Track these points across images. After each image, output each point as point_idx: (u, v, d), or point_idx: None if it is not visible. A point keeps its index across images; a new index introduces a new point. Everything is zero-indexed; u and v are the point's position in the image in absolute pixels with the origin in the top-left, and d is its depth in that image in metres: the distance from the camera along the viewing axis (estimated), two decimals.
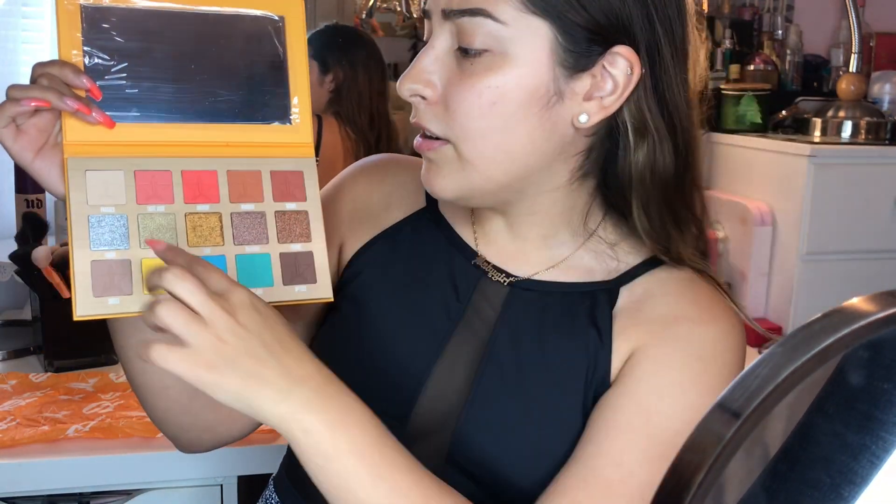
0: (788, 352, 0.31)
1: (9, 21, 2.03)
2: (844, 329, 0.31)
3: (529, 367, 0.76)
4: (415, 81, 0.72)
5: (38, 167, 0.73)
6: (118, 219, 0.73)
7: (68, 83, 0.72)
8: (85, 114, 0.72)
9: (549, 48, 0.69)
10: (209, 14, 0.78)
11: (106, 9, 0.75)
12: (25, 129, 0.72)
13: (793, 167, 1.84)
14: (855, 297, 0.33)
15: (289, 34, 0.80)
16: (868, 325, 0.31)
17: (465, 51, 0.70)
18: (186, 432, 0.86)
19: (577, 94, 0.70)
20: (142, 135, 0.76)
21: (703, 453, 0.30)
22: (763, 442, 0.35)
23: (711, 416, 0.31)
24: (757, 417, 0.30)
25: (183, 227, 0.75)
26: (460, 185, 0.74)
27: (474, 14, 0.68)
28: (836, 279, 1.86)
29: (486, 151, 0.71)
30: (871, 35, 2.45)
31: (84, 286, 0.71)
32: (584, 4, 0.68)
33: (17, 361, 1.54)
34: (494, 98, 0.69)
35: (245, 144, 0.79)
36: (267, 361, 0.63)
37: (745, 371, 0.31)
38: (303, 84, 0.80)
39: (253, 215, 0.77)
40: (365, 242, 0.86)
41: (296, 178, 0.80)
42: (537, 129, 0.71)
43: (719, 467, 0.30)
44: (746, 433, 0.30)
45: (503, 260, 0.81)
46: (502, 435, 0.75)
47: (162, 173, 0.75)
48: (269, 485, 0.93)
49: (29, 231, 1.57)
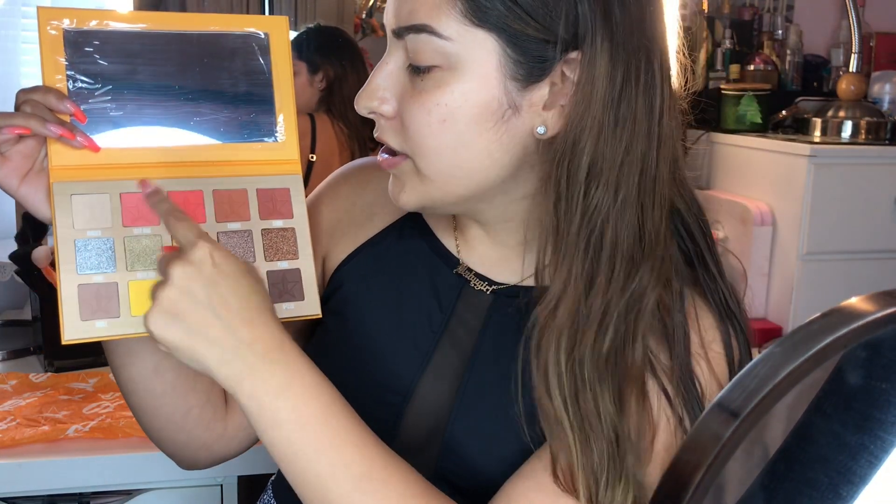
0: (787, 351, 0.31)
1: (9, 21, 2.03)
2: (843, 329, 0.31)
3: (514, 375, 0.74)
4: (370, 99, 0.72)
5: (23, 193, 0.74)
6: (104, 242, 0.73)
7: (52, 108, 0.72)
8: (69, 139, 0.72)
9: (496, 61, 0.67)
10: (192, 35, 0.78)
11: (89, 32, 0.75)
12: (10, 155, 0.73)
13: (793, 167, 1.85)
14: (854, 297, 0.33)
15: (274, 51, 0.80)
16: (866, 324, 0.31)
17: (416, 68, 0.69)
18: (183, 450, 0.86)
19: (534, 105, 0.68)
20: (127, 157, 0.76)
21: (702, 453, 0.30)
22: (762, 441, 0.35)
23: (710, 416, 0.31)
24: (755, 417, 0.30)
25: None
26: (421, 197, 0.73)
27: (419, 31, 0.67)
28: (835, 279, 1.86)
29: (442, 168, 0.70)
30: (871, 35, 2.45)
31: (71, 310, 0.71)
32: (529, 11, 0.65)
33: (17, 361, 1.54)
34: (444, 115, 0.68)
35: (231, 163, 0.79)
36: (212, 322, 0.65)
37: (744, 371, 0.31)
38: (288, 101, 0.80)
39: (240, 234, 0.77)
40: (348, 254, 0.85)
41: (282, 195, 0.79)
42: (494, 143, 0.69)
43: (718, 467, 0.30)
44: (745, 433, 0.30)
45: (485, 267, 0.81)
46: (488, 446, 0.75)
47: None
48: (268, 488, 0.93)
49: (29, 231, 1.57)
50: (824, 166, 1.81)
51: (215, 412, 0.85)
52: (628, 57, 0.67)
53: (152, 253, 0.74)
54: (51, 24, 0.74)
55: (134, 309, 0.73)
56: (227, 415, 0.86)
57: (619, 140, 0.68)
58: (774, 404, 0.30)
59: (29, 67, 2.09)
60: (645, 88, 0.68)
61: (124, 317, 0.72)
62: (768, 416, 0.30)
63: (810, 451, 0.36)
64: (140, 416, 0.84)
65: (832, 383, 0.35)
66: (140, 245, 0.74)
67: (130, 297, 0.73)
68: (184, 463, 0.89)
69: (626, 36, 0.67)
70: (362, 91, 0.72)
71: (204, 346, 0.65)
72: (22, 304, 1.80)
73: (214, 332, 0.65)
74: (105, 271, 0.73)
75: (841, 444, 0.35)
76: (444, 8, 0.66)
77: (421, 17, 0.67)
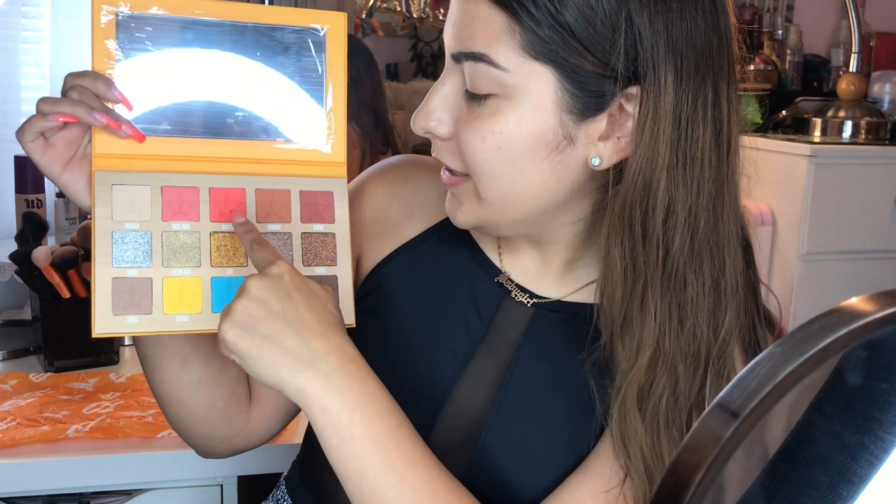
0: (787, 352, 0.31)
1: (9, 21, 2.03)
2: (843, 329, 0.31)
3: (552, 391, 0.75)
4: (426, 120, 0.71)
5: (65, 180, 0.73)
6: (142, 235, 0.72)
7: (100, 95, 0.72)
8: (115, 129, 0.71)
9: (553, 94, 0.66)
10: (248, 26, 0.76)
11: (143, 18, 0.73)
12: (54, 141, 0.72)
13: (793, 167, 1.85)
14: (854, 297, 0.33)
15: (329, 49, 0.78)
16: (866, 324, 0.31)
17: (473, 94, 0.68)
18: (204, 441, 0.86)
19: (590, 136, 0.67)
20: (172, 149, 0.75)
21: (702, 453, 0.30)
22: (762, 442, 0.35)
23: (710, 416, 0.31)
24: (755, 417, 0.30)
25: (207, 246, 0.74)
26: (478, 217, 0.73)
27: (477, 59, 0.67)
28: (835, 279, 1.86)
29: (498, 192, 0.70)
30: (871, 35, 2.45)
31: (104, 303, 0.70)
32: (587, 46, 0.64)
33: (17, 361, 1.53)
34: (499, 143, 0.67)
35: (276, 161, 0.77)
36: (287, 332, 0.65)
37: (744, 371, 0.31)
38: (340, 102, 0.78)
39: (279, 236, 0.76)
40: (385, 255, 0.84)
41: (325, 199, 0.78)
42: (547, 172, 0.68)
43: (718, 467, 0.30)
44: (745, 433, 0.30)
45: (527, 279, 0.80)
46: (522, 457, 0.74)
47: (189, 190, 0.74)
48: (281, 484, 0.93)
49: (29, 231, 1.57)
50: (824, 166, 1.81)
51: (239, 407, 0.85)
52: (696, 88, 0.65)
53: (189, 249, 0.73)
54: (105, 8, 0.72)
55: (167, 306, 0.72)
56: (251, 410, 0.87)
57: (691, 180, 0.66)
58: (774, 404, 0.30)
59: (29, 67, 2.09)
60: (713, 121, 0.66)
61: (156, 313, 0.71)
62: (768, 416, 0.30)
63: (810, 452, 0.36)
64: (165, 406, 0.84)
65: (832, 383, 0.35)
66: (178, 241, 0.73)
67: (164, 294, 0.72)
68: (202, 451, 0.89)
69: (693, 65, 0.65)
70: (419, 111, 0.72)
71: (278, 355, 0.65)
72: (22, 304, 1.80)
73: (289, 342, 0.65)
74: (140, 265, 0.72)
75: (841, 444, 0.35)
76: (503, 38, 0.65)
77: (479, 46, 0.66)
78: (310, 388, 0.65)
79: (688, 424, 0.68)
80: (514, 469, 0.74)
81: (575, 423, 0.74)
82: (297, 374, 0.64)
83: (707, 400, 0.68)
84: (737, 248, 0.69)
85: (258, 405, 0.87)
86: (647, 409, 0.68)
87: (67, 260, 1.43)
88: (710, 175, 0.67)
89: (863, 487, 0.35)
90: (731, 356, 0.69)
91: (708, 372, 0.68)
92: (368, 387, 0.67)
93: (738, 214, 0.70)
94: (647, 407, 0.68)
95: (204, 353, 0.81)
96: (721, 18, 0.67)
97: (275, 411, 0.88)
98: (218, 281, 0.73)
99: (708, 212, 0.67)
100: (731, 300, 0.69)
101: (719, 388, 0.68)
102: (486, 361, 0.78)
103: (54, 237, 1.81)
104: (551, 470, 0.73)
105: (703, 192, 0.67)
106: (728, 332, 0.68)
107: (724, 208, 0.68)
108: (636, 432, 0.68)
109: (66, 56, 2.10)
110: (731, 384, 0.31)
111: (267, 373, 0.65)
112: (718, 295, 0.68)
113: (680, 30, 0.64)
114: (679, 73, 0.64)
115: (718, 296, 0.68)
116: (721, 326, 0.68)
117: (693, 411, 0.69)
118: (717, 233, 0.68)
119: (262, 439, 0.89)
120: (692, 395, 0.68)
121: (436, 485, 0.66)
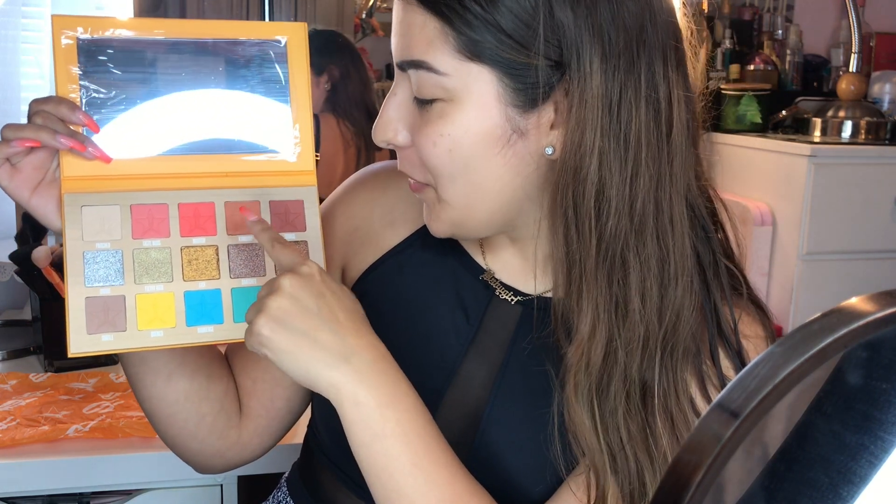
0: (787, 352, 0.31)
1: (9, 21, 2.03)
2: (843, 329, 0.31)
3: (545, 388, 0.75)
4: (384, 131, 0.72)
5: (35, 204, 0.74)
6: (113, 254, 0.73)
7: (64, 119, 0.72)
8: (80, 151, 0.72)
9: (494, 92, 0.66)
10: (208, 42, 0.77)
11: (103, 41, 0.74)
12: (21, 167, 0.73)
13: (793, 167, 1.84)
14: (854, 297, 0.33)
15: (291, 59, 0.79)
16: (866, 324, 0.31)
17: (420, 100, 0.69)
18: (196, 456, 0.86)
19: (541, 126, 0.68)
20: (140, 168, 0.75)
21: (702, 453, 0.30)
22: (762, 442, 0.35)
23: (710, 416, 0.31)
24: (756, 417, 0.30)
25: (179, 260, 0.74)
26: (450, 223, 0.73)
27: (418, 66, 0.67)
28: (835, 279, 1.86)
29: (459, 193, 0.70)
30: (871, 35, 2.45)
31: (78, 323, 0.71)
32: (517, 39, 0.64)
33: (17, 361, 1.53)
34: (449, 145, 0.68)
35: (245, 174, 0.78)
36: (322, 327, 0.66)
37: (744, 371, 0.31)
38: (305, 110, 0.79)
39: (250, 247, 0.77)
40: (370, 264, 0.84)
41: (296, 208, 0.78)
42: (502, 168, 0.69)
43: (718, 467, 0.30)
44: (745, 433, 0.30)
45: (511, 276, 0.80)
46: (518, 457, 0.74)
47: (158, 207, 0.75)
48: (282, 485, 0.93)
49: (29, 231, 1.57)
50: (824, 166, 1.81)
51: (229, 420, 0.85)
52: (626, 71, 0.65)
53: (161, 265, 0.74)
54: (65, 33, 0.73)
55: (140, 323, 0.72)
56: (241, 423, 0.86)
57: (625, 162, 0.65)
58: (775, 404, 0.30)
59: (29, 67, 2.09)
60: (648, 101, 0.66)
61: (130, 330, 0.72)
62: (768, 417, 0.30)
63: (810, 452, 0.36)
64: (154, 422, 0.84)
65: (832, 383, 0.35)
66: (149, 257, 0.74)
67: (137, 311, 0.72)
68: (197, 467, 0.89)
69: (622, 47, 0.64)
70: (377, 124, 0.72)
71: (313, 350, 0.65)
72: (22, 304, 1.80)
73: (324, 337, 0.66)
74: (113, 283, 0.72)
75: (841, 444, 0.35)
76: (437, 44, 0.66)
77: (418, 53, 0.67)
78: (344, 382, 0.65)
79: (641, 410, 0.68)
80: (510, 470, 0.74)
81: (567, 422, 0.74)
82: (333, 370, 0.65)
83: (657, 384, 0.68)
84: (684, 226, 0.68)
85: (250, 419, 0.86)
86: (593, 396, 0.68)
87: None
88: (650, 155, 0.66)
89: (863, 487, 0.35)
90: (682, 334, 0.68)
91: (657, 354, 0.68)
92: (400, 385, 0.68)
93: (688, 192, 0.69)
94: (592, 394, 0.68)
95: (189, 368, 0.81)
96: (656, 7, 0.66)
97: (268, 424, 0.87)
98: (191, 295, 0.74)
99: (648, 192, 0.66)
100: (679, 279, 0.68)
101: (671, 370, 0.68)
102: (477, 363, 0.78)
103: (54, 237, 1.81)
104: (545, 470, 0.73)
105: (641, 174, 0.66)
106: (676, 312, 0.68)
107: (668, 187, 0.67)
108: (582, 421, 0.68)
109: None
110: (731, 384, 0.31)
111: (302, 367, 0.66)
112: (665, 275, 0.68)
113: (606, 12, 0.64)
114: (606, 56, 0.64)
115: (665, 276, 0.68)
116: (667, 307, 0.67)
117: (648, 394, 0.68)
118: (661, 212, 0.67)
119: (255, 453, 0.89)
120: (642, 380, 0.68)
121: (459, 486, 0.67)
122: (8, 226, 1.93)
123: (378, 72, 2.74)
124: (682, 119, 0.68)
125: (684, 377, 0.69)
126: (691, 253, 0.69)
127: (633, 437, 0.67)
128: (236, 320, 0.75)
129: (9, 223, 1.91)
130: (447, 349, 0.78)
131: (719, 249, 0.73)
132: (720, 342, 0.70)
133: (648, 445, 0.67)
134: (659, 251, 0.67)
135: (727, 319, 0.71)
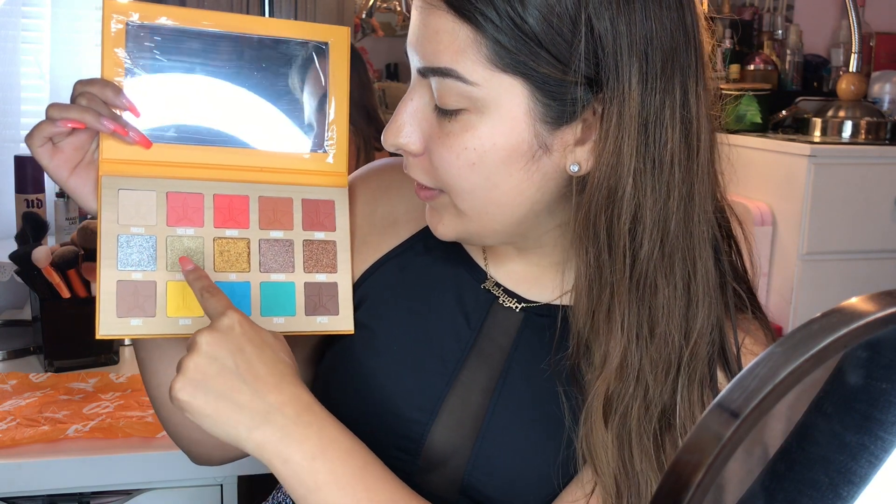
0: (787, 352, 0.31)
1: (9, 21, 2.03)
2: (843, 329, 0.31)
3: (546, 396, 0.74)
4: (395, 136, 0.69)
5: (73, 184, 0.74)
6: (147, 239, 0.74)
7: (108, 102, 0.73)
8: (122, 135, 0.72)
9: (525, 105, 0.64)
10: (254, 39, 0.77)
11: (152, 27, 0.75)
12: (62, 147, 0.73)
13: (793, 167, 1.84)
14: (854, 297, 0.33)
15: (332, 62, 0.79)
16: (867, 324, 0.31)
17: (442, 110, 0.66)
18: (198, 447, 0.86)
19: (567, 143, 0.65)
20: (178, 156, 0.76)
21: (702, 453, 0.30)
22: (762, 442, 0.35)
23: (710, 416, 0.31)
24: (756, 417, 0.30)
25: (211, 251, 0.75)
26: (459, 230, 0.72)
27: (444, 75, 0.64)
28: (835, 279, 1.86)
29: (477, 205, 0.68)
30: (871, 35, 2.45)
31: (108, 305, 0.71)
32: (554, 54, 0.62)
33: (17, 361, 1.53)
34: (473, 159, 0.66)
35: (279, 170, 0.79)
36: (240, 387, 0.64)
37: (744, 371, 0.31)
38: (342, 113, 0.80)
39: (281, 243, 0.77)
40: (371, 264, 0.83)
41: (327, 208, 0.79)
42: (525, 182, 0.67)
43: (718, 467, 0.30)
44: (745, 433, 0.30)
45: (515, 283, 0.79)
46: (517, 465, 0.74)
47: (194, 196, 0.76)
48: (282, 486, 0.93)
49: (29, 231, 1.57)
50: (824, 166, 1.81)
51: None
52: (663, 90, 0.63)
53: (193, 254, 0.74)
54: (115, 17, 0.74)
55: (170, 309, 0.73)
56: None
57: (659, 184, 0.64)
58: (775, 404, 0.30)
59: (29, 67, 2.09)
60: (682, 121, 0.64)
61: (160, 316, 0.72)
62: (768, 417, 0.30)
63: (811, 452, 0.36)
64: (160, 410, 0.84)
65: (832, 383, 0.35)
66: (182, 245, 0.74)
67: (168, 297, 0.73)
68: (196, 458, 0.89)
69: (659, 66, 0.63)
70: (388, 128, 0.70)
71: (233, 412, 0.64)
72: (22, 304, 1.80)
73: (243, 398, 0.64)
74: (145, 269, 0.73)
75: (841, 444, 0.35)
76: (469, 52, 0.63)
77: (446, 61, 0.64)
78: (268, 442, 0.64)
79: (658, 432, 0.67)
80: (510, 476, 0.74)
81: (567, 430, 0.73)
82: (255, 431, 0.64)
83: (678, 406, 0.67)
84: (708, 248, 0.67)
85: None
86: (615, 420, 0.67)
87: (67, 260, 1.43)
88: (680, 176, 0.65)
89: (863, 487, 0.35)
90: (701, 359, 0.67)
91: (679, 377, 0.67)
92: (327, 432, 0.66)
93: (709, 213, 0.68)
94: (615, 419, 0.67)
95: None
96: (687, 14, 0.64)
97: None
98: (221, 286, 0.74)
99: (679, 213, 0.65)
100: (702, 302, 0.67)
101: (690, 392, 0.67)
102: (477, 369, 0.77)
103: (54, 237, 1.81)
104: (546, 478, 0.72)
105: (673, 195, 0.65)
106: (700, 335, 0.67)
107: (696, 208, 0.66)
108: (605, 445, 0.67)
109: (66, 56, 2.10)
110: (731, 384, 0.31)
111: (224, 431, 0.65)
112: (690, 298, 0.67)
113: (644, 30, 0.62)
114: (644, 75, 0.62)
115: (690, 299, 0.67)
116: (693, 330, 0.66)
117: (663, 419, 0.67)
118: (690, 234, 0.66)
119: None
120: (663, 403, 0.67)
121: None
122: (8, 226, 1.93)
123: (378, 72, 2.74)
124: (707, 138, 0.66)
125: (702, 400, 0.67)
126: (714, 274, 0.68)
127: (650, 460, 0.66)
128: (263, 314, 0.76)
129: (9, 223, 1.91)
130: (448, 353, 0.78)
131: (729, 271, 0.72)
132: (720, 364, 0.70)
133: (662, 468, 0.67)
134: (685, 273, 0.66)
135: (730, 343, 0.70)
